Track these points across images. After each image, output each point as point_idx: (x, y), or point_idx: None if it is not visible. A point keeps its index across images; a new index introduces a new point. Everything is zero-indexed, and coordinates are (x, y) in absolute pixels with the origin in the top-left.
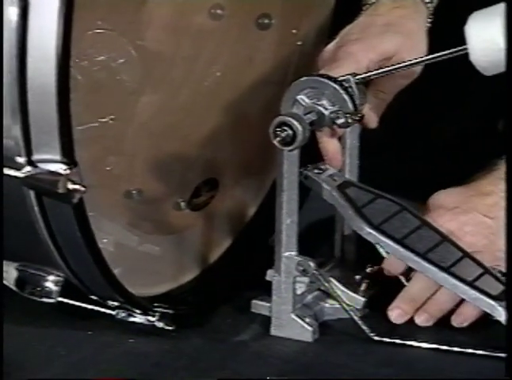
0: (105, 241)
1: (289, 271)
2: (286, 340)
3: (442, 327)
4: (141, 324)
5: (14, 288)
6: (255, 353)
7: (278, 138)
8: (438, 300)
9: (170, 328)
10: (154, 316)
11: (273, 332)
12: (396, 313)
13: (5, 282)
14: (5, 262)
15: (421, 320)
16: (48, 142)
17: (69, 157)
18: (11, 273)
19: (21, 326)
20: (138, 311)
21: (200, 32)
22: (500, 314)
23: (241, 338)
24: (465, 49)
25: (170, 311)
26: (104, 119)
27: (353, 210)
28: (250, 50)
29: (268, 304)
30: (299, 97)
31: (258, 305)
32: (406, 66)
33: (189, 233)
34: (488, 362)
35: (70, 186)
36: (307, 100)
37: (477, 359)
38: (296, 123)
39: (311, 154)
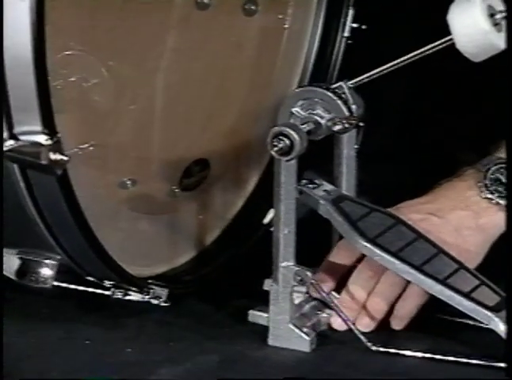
0: None
1: (287, 281)
2: (283, 350)
3: (439, 337)
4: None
5: (11, 276)
6: (252, 363)
7: (276, 149)
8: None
9: (165, 304)
10: (148, 293)
11: (271, 342)
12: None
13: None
14: None
15: (362, 325)
16: (29, 113)
17: (49, 127)
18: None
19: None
20: (133, 289)
21: (187, 22)
22: (496, 325)
23: (238, 348)
24: (451, 39)
25: (165, 289)
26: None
27: (348, 225)
28: (238, 36)
29: (265, 314)
30: (294, 110)
31: (256, 315)
32: (398, 63)
33: (183, 215)
34: (483, 371)
35: (53, 157)
36: (302, 112)
37: (472, 368)
38: (293, 133)
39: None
